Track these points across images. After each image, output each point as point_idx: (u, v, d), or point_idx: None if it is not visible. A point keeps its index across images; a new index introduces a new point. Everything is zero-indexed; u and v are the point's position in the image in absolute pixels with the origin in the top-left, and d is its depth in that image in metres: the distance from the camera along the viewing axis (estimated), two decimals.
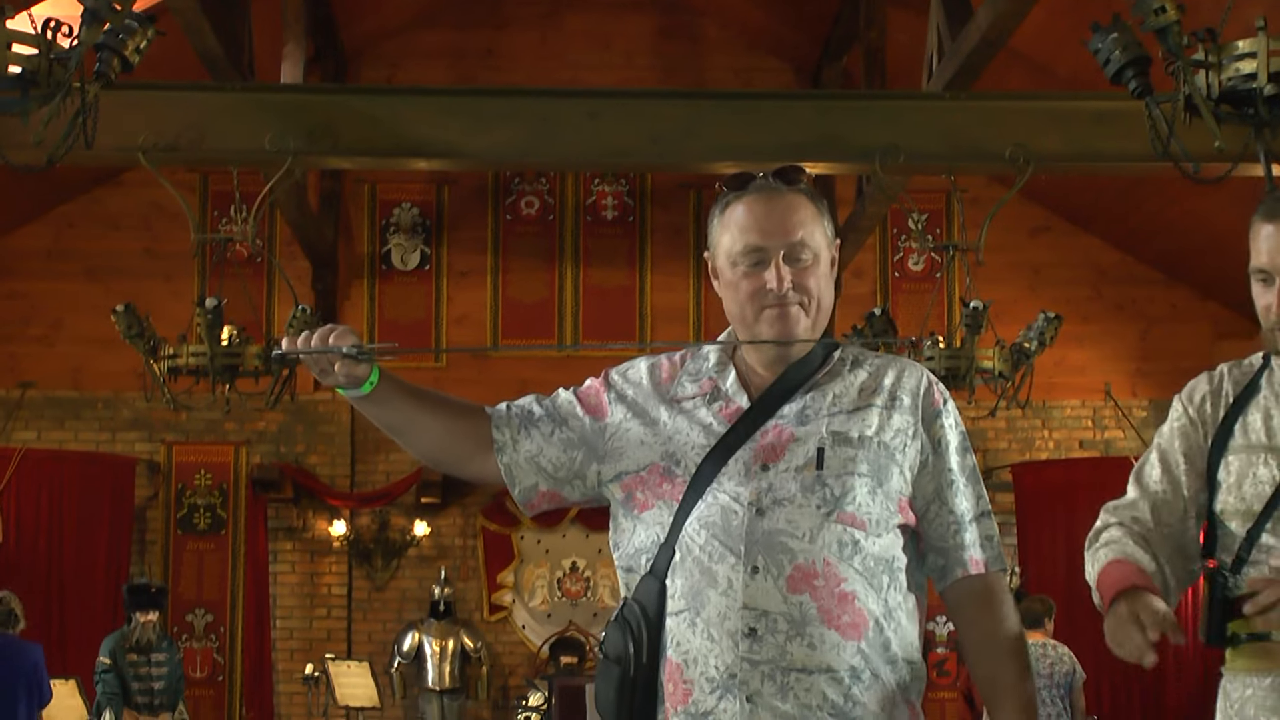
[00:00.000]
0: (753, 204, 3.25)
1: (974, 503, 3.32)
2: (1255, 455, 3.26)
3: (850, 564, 3.15)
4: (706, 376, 3.33)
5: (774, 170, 3.28)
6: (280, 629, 15.14)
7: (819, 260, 3.26)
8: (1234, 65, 5.74)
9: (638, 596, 3.23)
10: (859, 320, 11.68)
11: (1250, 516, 3.23)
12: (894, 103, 10.33)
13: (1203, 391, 3.48)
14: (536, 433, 3.39)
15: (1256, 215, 3.28)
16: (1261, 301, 3.17)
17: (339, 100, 10.17)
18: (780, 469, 3.18)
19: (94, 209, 15.34)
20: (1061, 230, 15.44)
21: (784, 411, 3.24)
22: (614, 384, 3.41)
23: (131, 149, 9.45)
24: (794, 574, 3.12)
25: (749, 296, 3.25)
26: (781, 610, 3.11)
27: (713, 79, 15.20)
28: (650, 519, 3.26)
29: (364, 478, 15.27)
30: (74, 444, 14.96)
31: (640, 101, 10.20)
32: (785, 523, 3.15)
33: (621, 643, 3.21)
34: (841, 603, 3.14)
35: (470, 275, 15.57)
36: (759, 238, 3.22)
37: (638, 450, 3.30)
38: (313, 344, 3.20)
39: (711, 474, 3.20)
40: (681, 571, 3.18)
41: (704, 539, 3.16)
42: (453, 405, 3.45)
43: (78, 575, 14.41)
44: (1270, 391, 3.34)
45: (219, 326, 10.44)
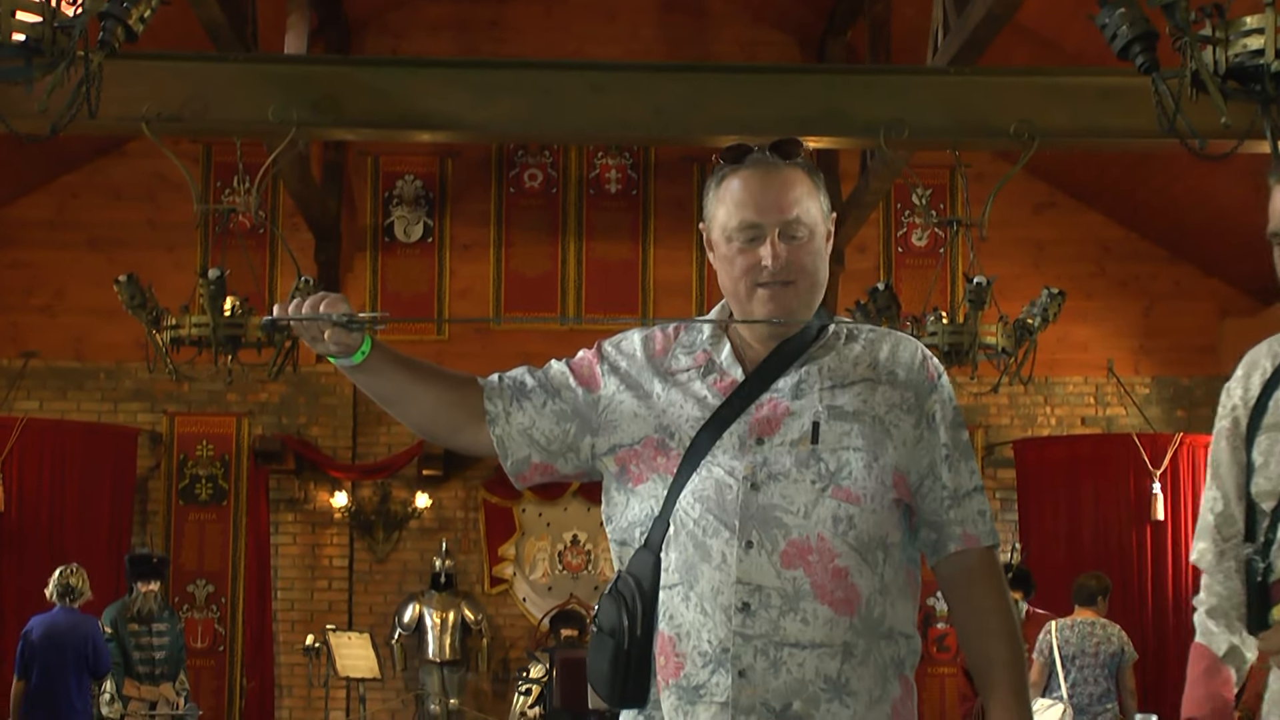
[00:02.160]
0: (748, 179, 3.22)
1: (967, 477, 3.29)
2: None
3: (845, 539, 3.14)
4: (700, 349, 3.31)
5: (771, 144, 3.25)
6: (281, 600, 15.16)
7: (814, 236, 3.22)
8: (1241, 41, 5.72)
9: (632, 570, 3.22)
10: (862, 295, 11.67)
11: (1276, 496, 3.20)
12: (899, 77, 10.31)
13: (1237, 378, 3.42)
14: (529, 404, 3.36)
15: (1271, 177, 3.23)
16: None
17: (343, 71, 10.16)
18: (775, 443, 3.17)
19: (97, 179, 15.32)
20: (1066, 206, 15.42)
21: (779, 385, 3.22)
22: (607, 355, 3.39)
23: (135, 119, 9.44)
24: (788, 549, 3.12)
25: (743, 272, 3.22)
26: (775, 585, 3.11)
27: (717, 52, 15.18)
28: (644, 492, 3.25)
29: (366, 449, 15.28)
30: (76, 414, 14.97)
31: (644, 74, 10.18)
32: (780, 498, 3.14)
33: (615, 616, 3.20)
34: (835, 578, 3.13)
35: (473, 248, 15.56)
36: (754, 214, 3.20)
37: (631, 423, 3.28)
38: (304, 311, 3.18)
39: (706, 447, 3.19)
40: (675, 545, 3.17)
41: (698, 513, 3.16)
42: (445, 376, 3.45)
43: (79, 545, 14.41)
44: None
45: (221, 297, 10.44)
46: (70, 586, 11.36)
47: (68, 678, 11.15)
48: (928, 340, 10.91)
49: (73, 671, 11.18)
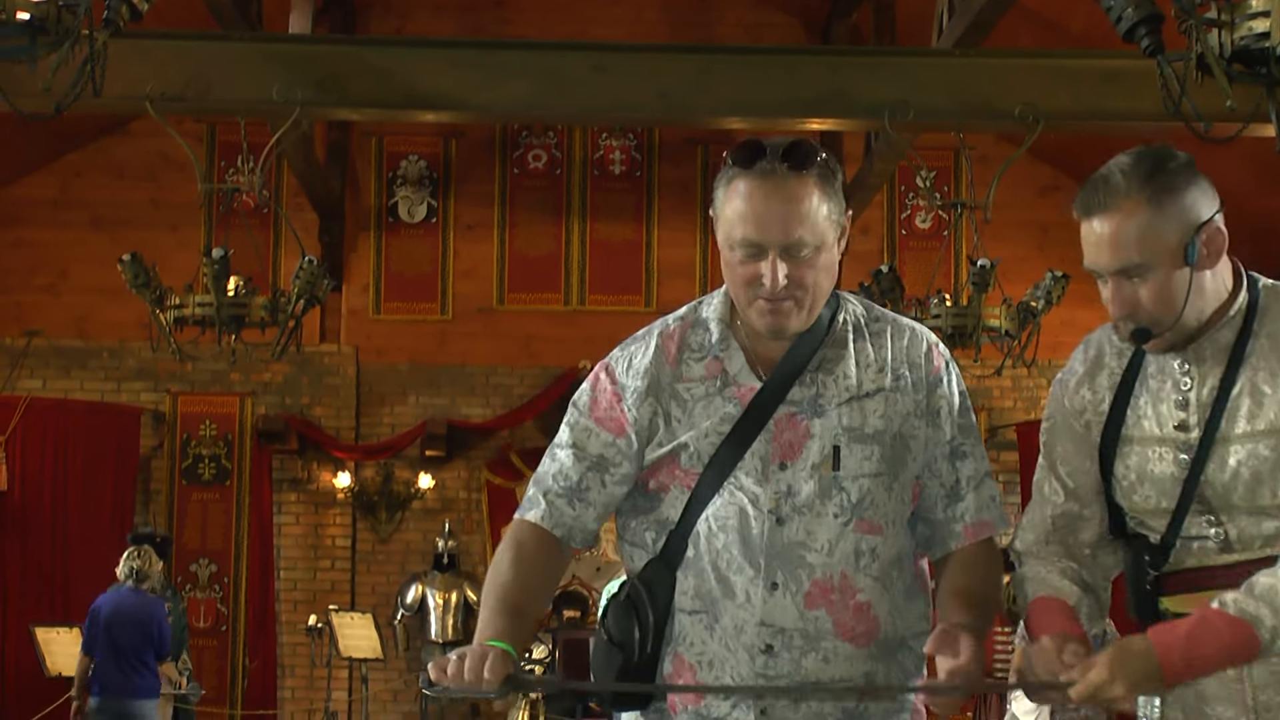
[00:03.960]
0: (754, 191, 3.10)
1: (973, 466, 3.28)
2: (1150, 449, 3.14)
3: (867, 573, 3.15)
4: (711, 356, 3.24)
5: (785, 147, 3.13)
6: (284, 580, 15.17)
7: (821, 250, 3.13)
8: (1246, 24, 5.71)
9: (647, 583, 3.20)
10: (866, 277, 11.67)
11: (1165, 514, 3.13)
12: (904, 59, 10.30)
13: (1078, 376, 3.27)
14: (591, 495, 3.24)
15: (1075, 209, 3.17)
16: (1103, 296, 3.07)
17: (347, 51, 10.15)
18: (797, 468, 3.14)
19: (101, 158, 15.31)
20: (1070, 189, 15.23)
21: (795, 397, 3.18)
22: (625, 385, 3.26)
23: (139, 98, 9.43)
24: (812, 590, 3.12)
25: (743, 283, 3.15)
26: (798, 627, 3.12)
27: (722, 34, 15.15)
28: (660, 499, 3.23)
29: (369, 430, 15.28)
30: (79, 393, 14.98)
31: (649, 56, 10.17)
32: (804, 534, 3.13)
33: (628, 629, 3.19)
34: (856, 614, 3.15)
35: (477, 228, 15.55)
36: (756, 232, 3.09)
37: (657, 444, 3.22)
38: (465, 677, 2.96)
39: (727, 466, 3.15)
40: (695, 570, 3.17)
41: (721, 543, 3.14)
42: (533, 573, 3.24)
43: (82, 524, 14.43)
44: (1156, 373, 3.16)
45: (225, 277, 10.44)
46: (136, 569, 11.49)
47: (131, 655, 11.32)
48: (931, 323, 10.91)
49: (136, 649, 11.34)
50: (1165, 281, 3.02)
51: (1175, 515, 3.13)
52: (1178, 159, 3.05)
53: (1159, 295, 3.03)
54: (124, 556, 11.60)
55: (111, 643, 11.31)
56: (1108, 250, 3.04)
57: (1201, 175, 3.07)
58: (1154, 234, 3.01)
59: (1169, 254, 3.01)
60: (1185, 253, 3.01)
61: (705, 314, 3.30)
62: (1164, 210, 3.01)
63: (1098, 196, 3.07)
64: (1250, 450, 3.05)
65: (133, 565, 11.50)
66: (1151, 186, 3.00)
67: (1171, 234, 3.01)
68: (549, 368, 14.96)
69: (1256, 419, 3.05)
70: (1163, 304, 3.04)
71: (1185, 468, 3.11)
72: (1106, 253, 3.05)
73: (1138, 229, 3.01)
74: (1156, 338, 3.08)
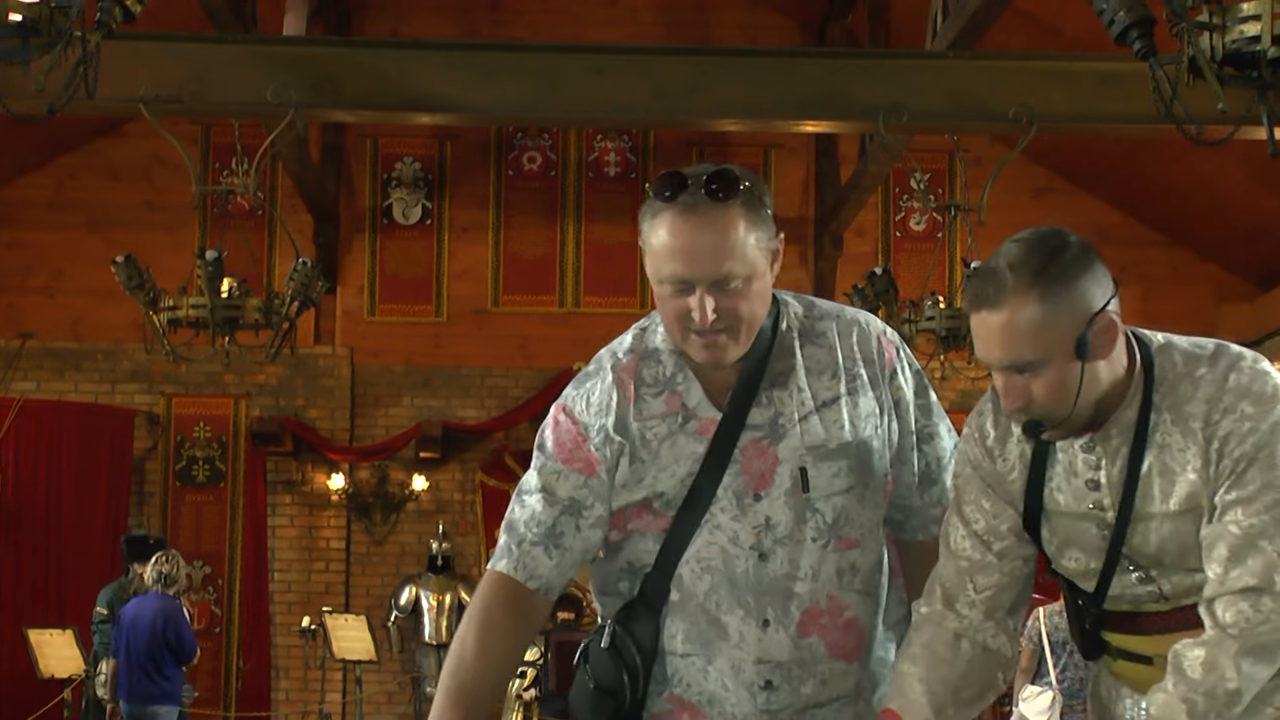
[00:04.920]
0: (678, 226, 3.03)
1: (940, 446, 3.28)
2: (1073, 523, 3.09)
3: (851, 588, 3.16)
4: (669, 390, 3.18)
5: (706, 177, 3.03)
6: (278, 582, 15.17)
7: (751, 279, 3.05)
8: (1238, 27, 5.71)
9: (631, 630, 3.17)
10: (860, 279, 11.67)
11: (1094, 574, 3.10)
12: (898, 61, 10.31)
13: (990, 440, 3.19)
14: (567, 540, 3.15)
15: (964, 303, 3.08)
16: (996, 385, 3.02)
17: (342, 53, 10.15)
18: (772, 497, 3.12)
19: (95, 160, 15.31)
20: (1063, 191, 15.41)
21: (756, 420, 3.14)
22: (587, 424, 3.18)
23: (133, 99, 9.43)
24: (803, 619, 3.13)
25: (675, 318, 3.09)
26: (794, 657, 3.13)
27: (718, 35, 15.16)
28: (629, 546, 3.20)
29: (363, 431, 15.28)
30: (74, 395, 14.97)
31: (645, 57, 10.17)
32: (789, 564, 3.12)
33: (616, 676, 3.16)
34: (846, 631, 3.17)
35: (472, 230, 15.55)
36: (683, 268, 3.03)
37: (624, 488, 3.16)
38: None
39: (703, 505, 3.12)
40: (684, 614, 3.15)
41: (708, 585, 3.13)
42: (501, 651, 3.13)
43: (76, 526, 14.43)
44: (1065, 447, 3.08)
45: (219, 279, 10.44)
46: (164, 574, 11.56)
47: (150, 658, 11.41)
48: (925, 325, 10.93)
49: (154, 653, 11.44)
50: (1057, 376, 2.93)
51: (1104, 574, 3.11)
52: (1071, 247, 2.94)
53: (1051, 390, 2.94)
54: (152, 561, 11.68)
55: (134, 647, 11.42)
56: (998, 347, 2.95)
57: (1096, 261, 2.96)
58: (1044, 330, 2.91)
59: (1060, 349, 2.92)
60: (1077, 347, 2.92)
61: (655, 343, 3.23)
62: (1055, 305, 2.90)
63: (986, 290, 2.94)
64: (1172, 528, 3.01)
65: (160, 569, 11.60)
66: (1042, 281, 2.89)
67: (1062, 329, 2.91)
68: (544, 370, 14.96)
69: (1170, 498, 3.00)
70: (1055, 399, 2.95)
71: (1109, 539, 3.07)
72: (997, 349, 2.95)
73: (1027, 325, 2.90)
74: (1050, 429, 3.01)
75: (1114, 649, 3.20)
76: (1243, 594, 2.88)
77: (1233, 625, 2.87)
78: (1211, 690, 2.85)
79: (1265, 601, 2.86)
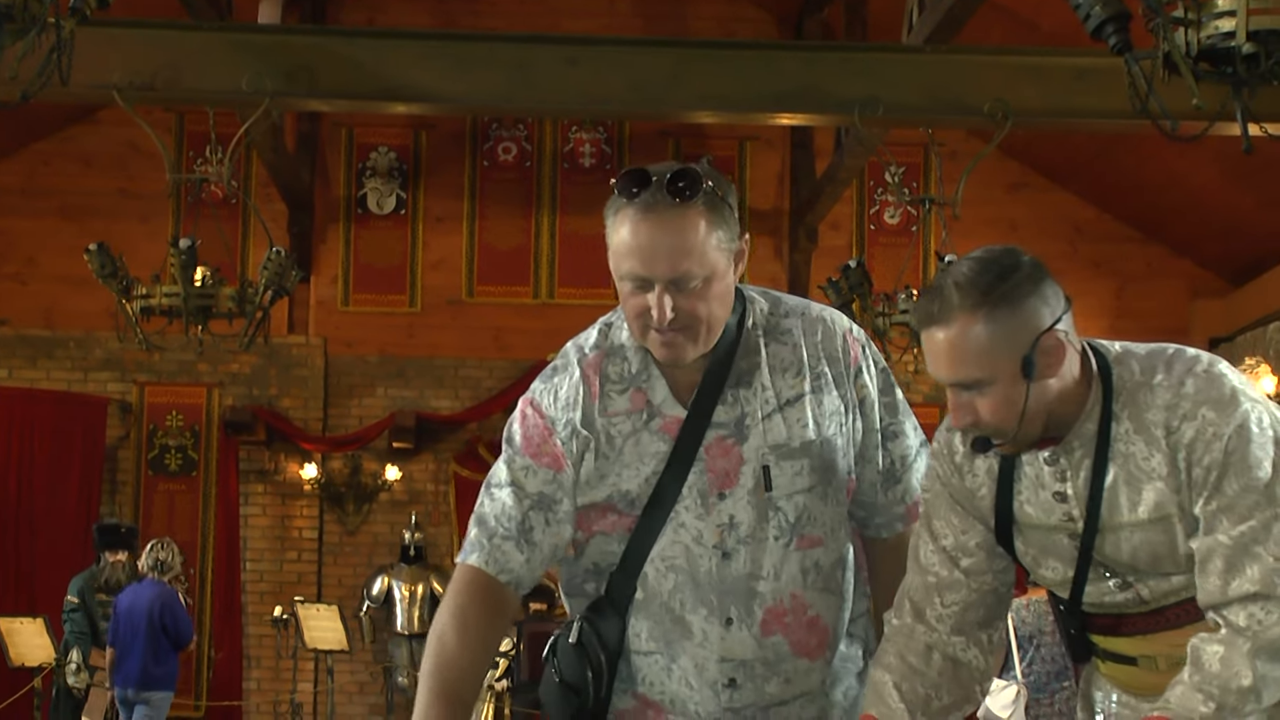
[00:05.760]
0: (638, 225, 3.02)
1: (905, 444, 3.29)
2: (1045, 535, 3.11)
3: (814, 587, 3.17)
4: (634, 387, 3.18)
5: (669, 176, 3.02)
6: (250, 571, 15.14)
7: (711, 280, 3.05)
8: (1213, 23, 5.72)
9: (597, 627, 3.17)
10: (835, 272, 11.67)
11: (1067, 584, 3.13)
12: (874, 55, 10.31)
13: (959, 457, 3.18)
14: (537, 534, 3.17)
15: (912, 319, 3.09)
16: (948, 401, 3.02)
17: (318, 42, 10.12)
18: (736, 496, 3.12)
19: (68, 147, 15.26)
20: (1038, 186, 15.43)
21: (720, 419, 3.14)
22: (554, 420, 3.19)
23: (107, 87, 9.39)
24: (766, 618, 3.13)
25: (634, 315, 3.09)
26: (758, 656, 3.14)
27: (695, 28, 15.15)
28: (594, 547, 3.21)
29: (336, 421, 15.25)
30: (46, 383, 14.92)
31: (621, 49, 10.15)
32: (751, 564, 3.12)
33: (581, 673, 3.17)
34: (809, 629, 3.17)
35: (446, 220, 15.52)
36: (642, 267, 3.03)
37: (589, 486, 3.17)
38: None
39: (667, 504, 3.12)
40: (648, 613, 3.16)
41: (671, 584, 3.13)
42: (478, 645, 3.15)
43: (48, 514, 14.39)
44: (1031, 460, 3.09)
45: (193, 267, 10.41)
46: (160, 560, 11.60)
47: (147, 646, 11.51)
48: (899, 318, 10.94)
49: (150, 640, 11.53)
50: (1003, 395, 2.94)
51: (1076, 583, 3.13)
52: (1022, 267, 2.95)
53: (996, 408, 2.95)
54: (147, 548, 11.75)
55: (127, 635, 11.45)
56: (945, 365, 2.96)
57: (1045, 280, 2.97)
58: (989, 350, 2.92)
59: (1006, 368, 2.93)
60: (1023, 367, 2.93)
61: (619, 339, 3.23)
62: (999, 325, 2.91)
63: (933, 308, 2.95)
64: (1143, 537, 3.02)
65: (158, 556, 11.69)
66: (988, 301, 2.90)
67: (1008, 349, 2.92)
68: (518, 360, 14.94)
69: (1138, 507, 3.01)
70: (1001, 416, 2.96)
71: (1079, 550, 3.09)
72: (944, 367, 2.97)
73: (973, 344, 2.91)
74: (996, 446, 3.02)
75: (1101, 651, 3.23)
76: (1250, 599, 2.90)
77: (1246, 628, 2.89)
78: (1226, 685, 2.87)
79: (1273, 605, 2.88)
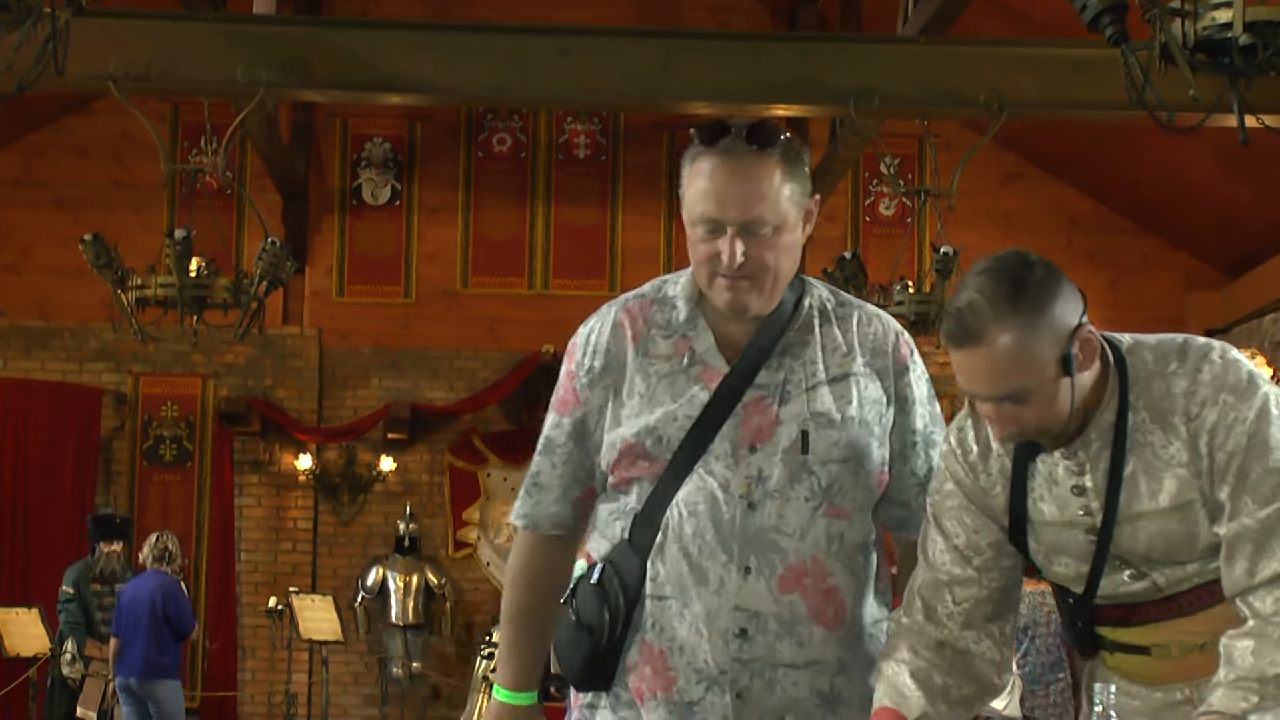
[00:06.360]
0: (716, 169, 3.12)
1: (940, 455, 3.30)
2: (1059, 531, 3.11)
3: (837, 557, 3.17)
4: (679, 334, 3.24)
5: (748, 126, 3.13)
6: (245, 562, 15.14)
7: (781, 230, 3.13)
8: (1210, 14, 5.71)
9: (618, 569, 3.20)
10: (829, 263, 11.67)
11: (1083, 578, 3.13)
12: (869, 46, 10.30)
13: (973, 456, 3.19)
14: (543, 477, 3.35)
15: (941, 338, 3.06)
16: (981, 410, 3.01)
17: (313, 32, 10.11)
18: (767, 451, 3.14)
19: (63, 138, 15.24)
20: (1034, 178, 15.43)
21: (763, 381, 3.18)
22: (580, 365, 3.30)
23: (102, 77, 9.38)
24: (785, 574, 3.13)
25: (704, 260, 3.16)
26: (773, 611, 3.13)
27: (688, 18, 15.13)
28: (628, 490, 3.24)
29: (331, 412, 15.25)
30: (41, 374, 14.91)
31: (614, 40, 10.15)
32: (777, 518, 3.13)
33: (597, 613, 3.19)
34: (828, 597, 3.16)
35: (441, 211, 15.52)
36: (715, 209, 3.11)
37: (615, 427, 3.23)
38: None
39: (697, 452, 3.15)
40: (667, 557, 3.16)
41: (692, 528, 3.14)
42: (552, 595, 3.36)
43: (42, 505, 14.38)
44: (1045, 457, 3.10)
45: (188, 258, 10.40)
46: (168, 550, 11.68)
47: (151, 636, 11.54)
48: (894, 310, 10.92)
49: (154, 630, 11.56)
50: (1048, 397, 2.95)
51: (1092, 576, 3.13)
52: (1035, 271, 2.95)
53: (1044, 412, 2.97)
54: (153, 539, 11.84)
55: (130, 625, 11.49)
56: (985, 381, 2.96)
57: (1063, 277, 2.98)
58: (1029, 358, 2.92)
59: (1047, 372, 2.94)
60: (1063, 365, 2.94)
61: (671, 292, 3.30)
62: (1034, 331, 2.92)
63: (964, 327, 2.94)
64: (1160, 526, 3.03)
65: (165, 545, 11.79)
66: (1019, 312, 2.90)
67: (1047, 352, 2.93)
68: (513, 352, 14.93)
69: (1158, 496, 3.01)
70: (1048, 419, 2.98)
71: (1096, 543, 3.09)
72: (984, 384, 2.97)
73: (1013, 356, 2.91)
74: (1046, 445, 3.04)
75: (1109, 643, 3.22)
76: (1276, 582, 2.90)
77: (1274, 613, 2.89)
78: (1263, 676, 2.87)
79: None
